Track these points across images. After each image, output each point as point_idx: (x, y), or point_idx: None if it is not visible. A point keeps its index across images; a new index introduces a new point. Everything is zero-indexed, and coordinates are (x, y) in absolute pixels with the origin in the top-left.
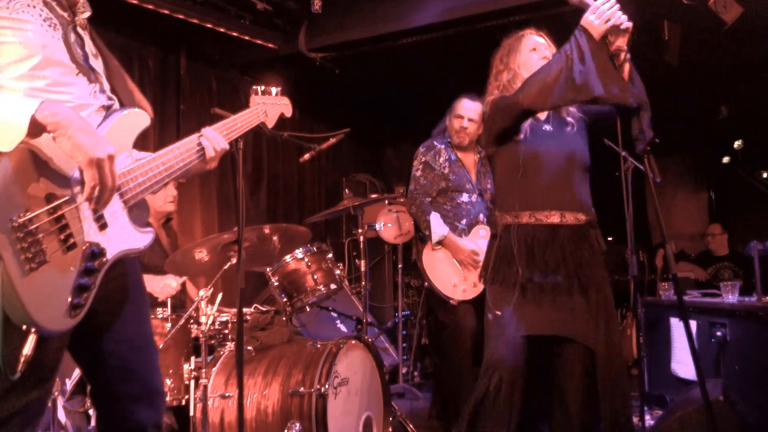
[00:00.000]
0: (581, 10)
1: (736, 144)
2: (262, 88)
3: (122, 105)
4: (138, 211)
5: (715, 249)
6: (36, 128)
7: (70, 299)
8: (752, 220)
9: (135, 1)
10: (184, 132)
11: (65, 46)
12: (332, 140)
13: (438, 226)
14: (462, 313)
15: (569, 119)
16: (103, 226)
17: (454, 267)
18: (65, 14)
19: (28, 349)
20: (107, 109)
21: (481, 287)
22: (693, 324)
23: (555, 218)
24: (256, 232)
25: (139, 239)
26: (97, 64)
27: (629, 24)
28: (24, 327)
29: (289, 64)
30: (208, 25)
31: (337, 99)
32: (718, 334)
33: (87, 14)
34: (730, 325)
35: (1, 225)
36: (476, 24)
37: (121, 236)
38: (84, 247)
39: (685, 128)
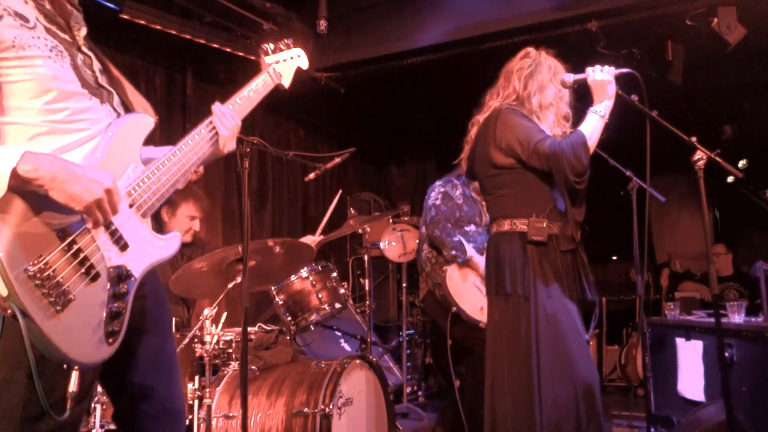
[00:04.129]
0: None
1: (741, 163)
2: (272, 45)
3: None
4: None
5: (719, 269)
6: (18, 182)
7: (104, 329)
8: (757, 239)
9: (142, 22)
10: None
11: (74, 72)
12: (337, 159)
13: (468, 247)
14: (482, 335)
15: None
16: (123, 247)
17: (478, 291)
18: (66, 36)
19: (73, 386)
20: None
21: None
22: (699, 344)
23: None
24: (261, 246)
25: (165, 247)
26: (105, 79)
27: None
28: (65, 366)
29: (295, 84)
30: (215, 45)
31: (342, 118)
32: (725, 354)
33: (84, 30)
34: (736, 346)
35: (17, 276)
36: (480, 44)
37: (145, 250)
38: (108, 274)
39: (690, 148)
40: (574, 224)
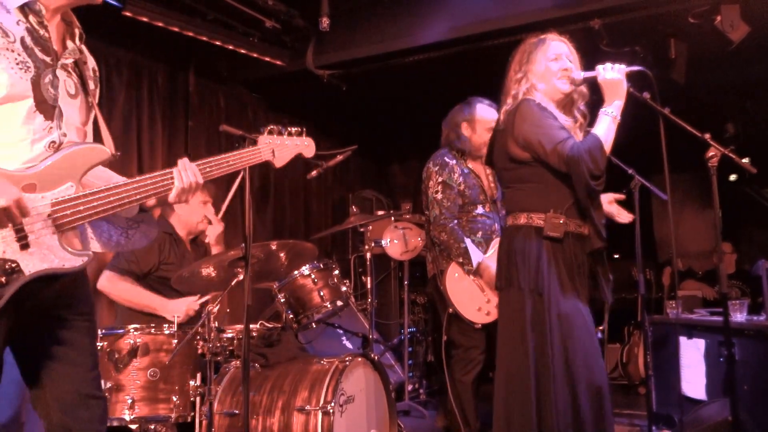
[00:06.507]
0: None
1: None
2: (272, 127)
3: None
4: (82, 233)
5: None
6: None
7: None
8: (759, 237)
9: (145, 19)
10: (192, 148)
11: (32, 86)
12: (339, 157)
13: (474, 254)
14: (479, 334)
15: None
16: (24, 246)
17: (478, 290)
18: (47, 58)
19: None
20: (58, 144)
21: None
22: (701, 343)
23: None
24: (263, 248)
25: (67, 260)
26: (69, 103)
27: None
28: None
29: (297, 81)
30: (217, 43)
31: (344, 116)
32: (732, 351)
33: (69, 60)
34: (738, 345)
35: None
36: (482, 42)
37: (45, 256)
38: None
39: (692, 146)
40: (593, 227)
